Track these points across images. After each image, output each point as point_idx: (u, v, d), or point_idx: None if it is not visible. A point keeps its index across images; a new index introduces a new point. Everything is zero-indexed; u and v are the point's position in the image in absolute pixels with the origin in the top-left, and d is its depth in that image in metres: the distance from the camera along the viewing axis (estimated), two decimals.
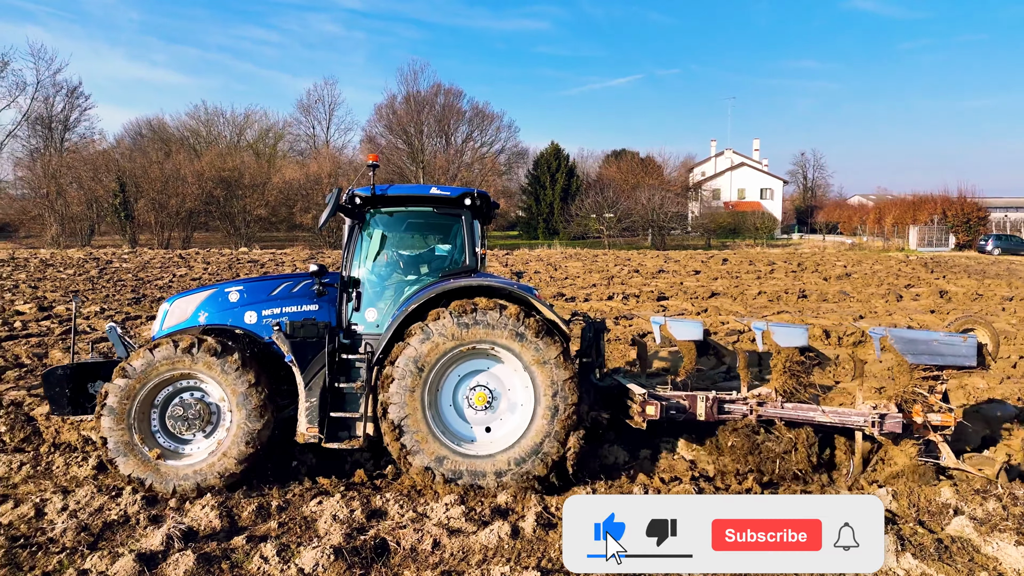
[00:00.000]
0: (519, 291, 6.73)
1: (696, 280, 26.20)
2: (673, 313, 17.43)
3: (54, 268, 30.79)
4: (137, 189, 54.39)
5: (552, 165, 70.10)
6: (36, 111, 62.66)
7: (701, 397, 7.12)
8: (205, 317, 6.93)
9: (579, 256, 41.78)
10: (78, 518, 5.76)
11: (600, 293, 21.57)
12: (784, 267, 32.03)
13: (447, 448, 6.44)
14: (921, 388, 6.90)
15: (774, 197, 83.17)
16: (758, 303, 19.54)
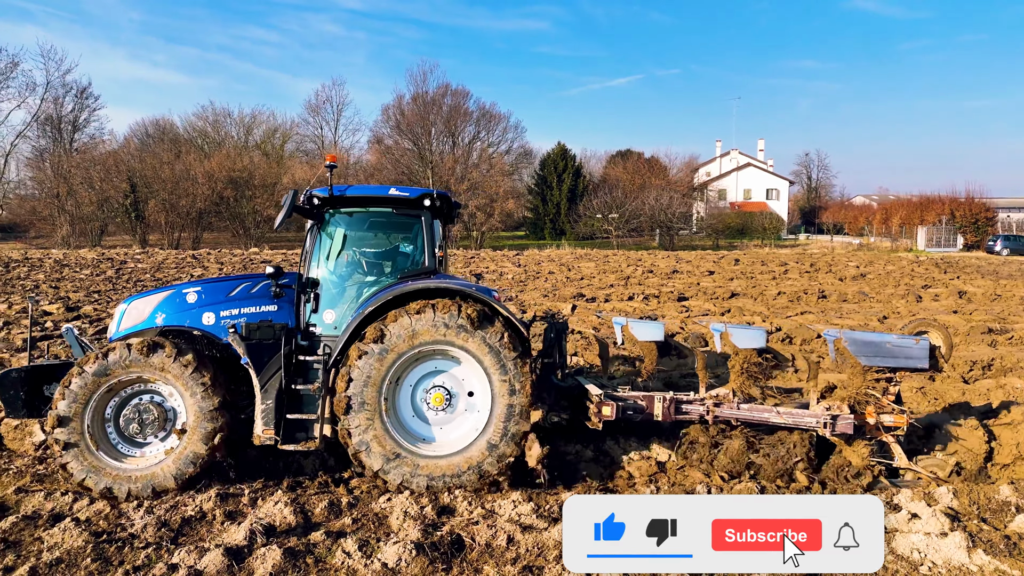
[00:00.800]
0: (478, 293, 6.74)
1: (712, 280, 26.27)
2: (696, 314, 17.52)
3: (70, 268, 30.94)
4: (148, 189, 54.56)
5: (559, 165, 70.19)
6: (45, 112, 62.89)
7: (658, 398, 7.16)
8: (163, 318, 6.86)
9: (590, 256, 41.86)
10: (155, 514, 5.89)
11: (619, 294, 21.67)
12: (797, 268, 32.09)
13: (403, 448, 6.46)
14: (876, 390, 6.90)
15: (780, 197, 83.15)
16: (779, 303, 19.62)
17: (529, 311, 17.96)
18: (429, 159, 61.55)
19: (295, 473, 7.11)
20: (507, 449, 6.45)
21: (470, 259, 38.89)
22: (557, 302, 19.95)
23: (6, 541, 5.43)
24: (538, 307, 18.75)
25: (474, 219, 56.75)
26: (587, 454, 7.54)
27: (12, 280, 25.41)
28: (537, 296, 21.65)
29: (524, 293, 22.37)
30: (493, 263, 36.18)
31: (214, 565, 4.99)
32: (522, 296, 21.52)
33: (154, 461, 6.36)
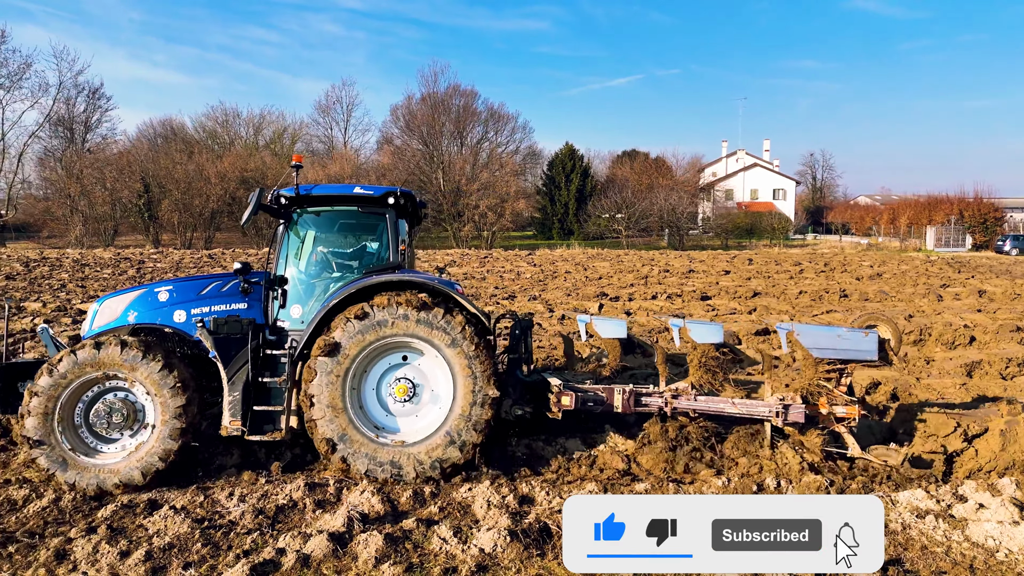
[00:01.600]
0: (441, 286, 6.94)
1: (731, 280, 26.44)
2: (724, 313, 17.72)
3: (90, 268, 31.16)
4: (161, 190, 54.82)
5: (567, 166, 70.31)
6: (57, 112, 63.17)
7: (618, 390, 7.32)
8: (135, 316, 7.04)
9: (602, 256, 42.00)
10: (247, 502, 6.10)
11: (641, 293, 21.84)
12: (811, 267, 32.23)
13: (367, 438, 6.65)
14: (828, 382, 7.07)
15: (787, 198, 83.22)
16: (802, 303, 19.78)
17: (557, 310, 18.17)
18: (439, 159, 61.77)
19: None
20: (470, 437, 6.65)
21: (483, 259, 39.07)
22: (582, 301, 20.14)
23: (112, 527, 5.65)
24: (564, 306, 18.95)
25: (485, 219, 56.93)
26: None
27: (38, 279, 25.66)
28: (560, 295, 21.83)
29: (546, 292, 22.54)
30: (508, 263, 36.35)
31: (320, 549, 5.21)
32: (545, 295, 21.68)
33: (123, 457, 6.49)
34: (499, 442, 7.64)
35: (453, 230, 58.84)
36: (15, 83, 60.89)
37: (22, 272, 29.00)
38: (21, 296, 19.94)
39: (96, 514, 5.97)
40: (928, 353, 12.56)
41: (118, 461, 6.47)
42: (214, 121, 75.24)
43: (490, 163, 62.58)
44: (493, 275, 29.03)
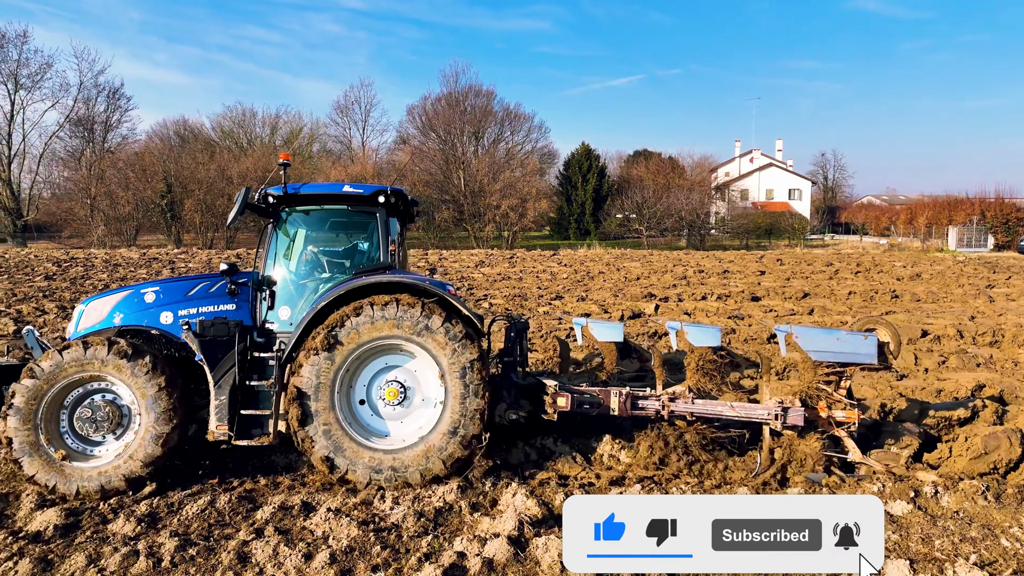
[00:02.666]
0: (432, 287, 6.77)
1: (770, 280, 26.28)
2: (783, 314, 17.57)
3: (123, 268, 31.18)
4: (184, 190, 54.89)
5: (583, 166, 70.25)
6: (77, 112, 63.32)
7: (615, 392, 7.21)
8: (121, 318, 6.92)
9: (629, 256, 41.82)
10: (402, 505, 6.06)
11: (688, 294, 21.71)
12: (844, 268, 32.08)
13: (355, 442, 6.51)
14: (828, 385, 6.97)
15: (802, 198, 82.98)
16: (855, 303, 19.62)
17: (612, 311, 18.08)
18: (460, 159, 61.75)
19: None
20: (454, 450, 6.49)
21: (510, 259, 39.00)
22: (633, 302, 20.02)
23: (279, 530, 5.60)
24: (618, 307, 18.86)
25: (507, 219, 56.84)
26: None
27: (77, 280, 25.68)
28: (606, 295, 21.71)
29: (591, 293, 22.44)
30: (536, 263, 36.27)
31: (501, 553, 5.16)
32: (591, 296, 21.60)
33: (106, 461, 6.39)
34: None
35: (474, 230, 58.77)
36: (36, 83, 61.13)
37: (58, 272, 29.04)
38: (71, 297, 19.94)
39: (255, 515, 5.95)
40: (1011, 354, 12.44)
41: (101, 465, 6.35)
42: (231, 121, 75.33)
43: (511, 163, 62.50)
44: (528, 275, 28.94)
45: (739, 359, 8.06)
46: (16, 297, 20.32)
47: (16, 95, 60.51)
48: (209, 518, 5.89)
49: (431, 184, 59.32)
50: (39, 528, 5.61)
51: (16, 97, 60.59)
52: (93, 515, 5.92)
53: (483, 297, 21.06)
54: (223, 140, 71.91)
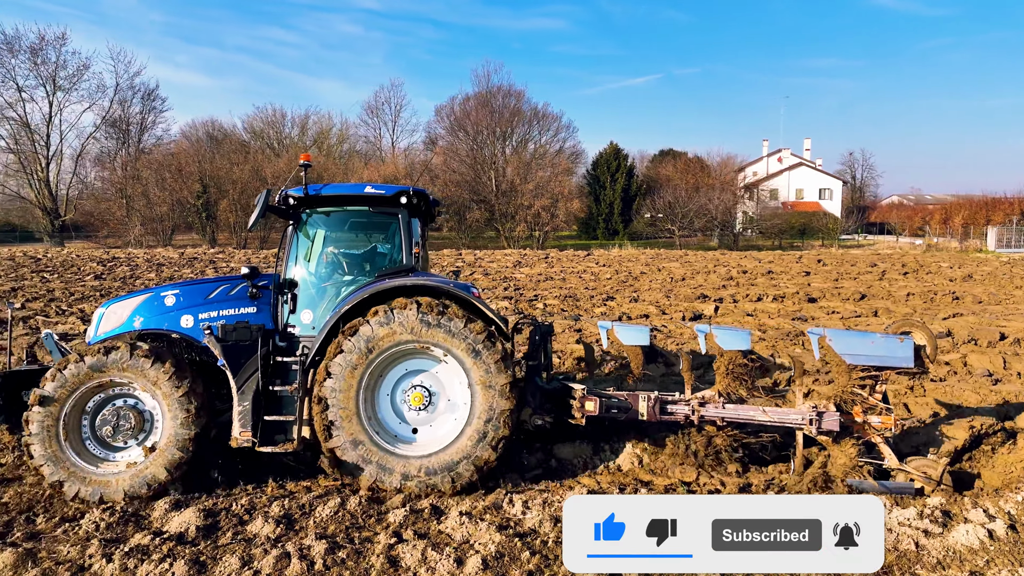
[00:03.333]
0: (456, 289, 6.64)
1: (819, 281, 25.91)
2: (848, 316, 17.25)
3: (167, 267, 31.50)
4: (219, 190, 55.50)
5: (612, 165, 69.96)
6: (113, 113, 64.30)
7: (643, 396, 7.05)
8: (141, 322, 6.81)
9: (665, 257, 41.53)
10: (532, 509, 6.02)
11: (742, 294, 21.43)
12: (889, 269, 31.55)
13: (380, 448, 6.39)
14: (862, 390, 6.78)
15: (833, 197, 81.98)
16: (915, 305, 19.25)
17: (671, 312, 17.90)
18: (491, 159, 61.79)
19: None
20: (484, 454, 6.37)
21: (545, 259, 38.89)
22: (688, 303, 19.82)
23: (418, 534, 5.56)
24: (675, 308, 18.67)
25: (539, 219, 56.75)
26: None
27: (127, 280, 25.99)
28: (657, 296, 21.50)
29: (642, 294, 22.25)
30: (572, 263, 36.11)
31: None
32: (645, 297, 21.41)
33: (128, 467, 6.29)
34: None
35: (505, 230, 58.77)
36: (74, 85, 62.14)
37: (105, 272, 29.42)
38: None
39: (387, 518, 5.90)
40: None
41: (123, 471, 6.27)
42: (262, 122, 75.96)
43: (542, 162, 62.45)
44: (570, 276, 28.81)
45: (769, 363, 7.90)
46: (74, 296, 20.60)
47: (54, 97, 61.62)
48: (344, 520, 5.84)
49: (462, 184, 59.38)
50: (180, 529, 5.59)
51: (54, 99, 61.70)
52: (230, 516, 5.88)
53: (534, 298, 20.94)
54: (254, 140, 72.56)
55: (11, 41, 59.28)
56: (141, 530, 5.66)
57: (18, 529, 5.73)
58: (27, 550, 5.20)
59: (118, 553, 5.12)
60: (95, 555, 5.12)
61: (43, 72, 60.77)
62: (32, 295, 20.42)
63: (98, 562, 5.04)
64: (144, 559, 5.06)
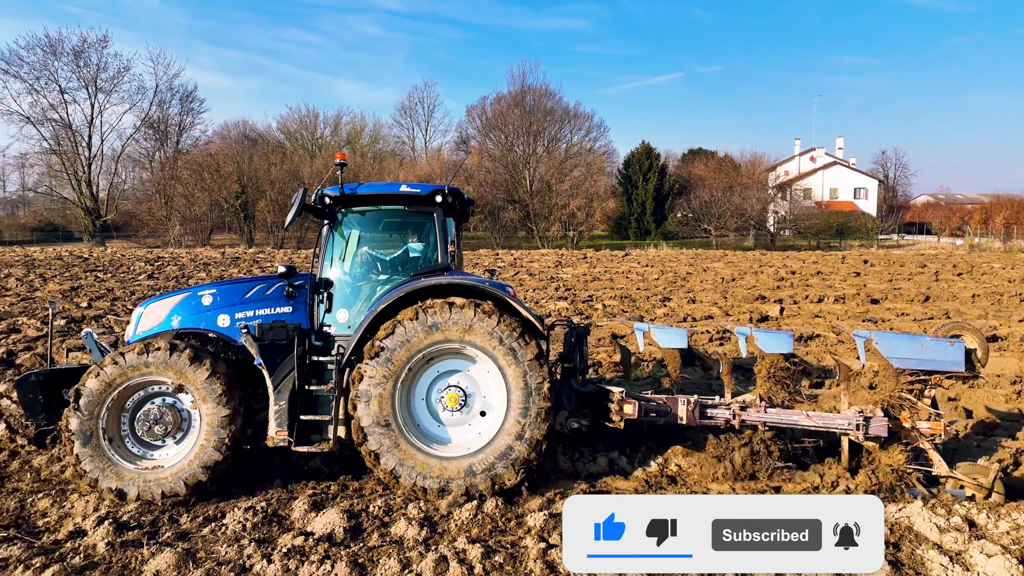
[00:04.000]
0: (492, 289, 6.55)
1: (873, 282, 25.46)
2: (920, 319, 16.80)
3: (214, 267, 31.84)
4: (257, 191, 56.12)
5: (643, 165, 69.54)
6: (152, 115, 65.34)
7: (682, 400, 6.92)
8: (178, 321, 6.84)
9: (707, 257, 41.06)
10: None
11: (799, 295, 21.10)
12: (941, 269, 30.92)
13: (417, 449, 6.31)
14: (911, 395, 6.60)
15: (868, 197, 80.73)
16: (983, 307, 18.76)
17: (737, 315, 17.65)
18: (525, 159, 61.76)
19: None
20: (523, 453, 6.27)
21: (583, 258, 38.70)
22: (748, 304, 19.56)
23: (546, 540, 5.43)
24: (739, 309, 18.41)
25: (574, 219, 56.60)
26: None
27: (179, 279, 26.30)
28: (714, 296, 21.27)
29: (697, 295, 22.00)
30: (613, 263, 35.91)
31: None
32: (701, 297, 21.17)
33: (167, 464, 6.32)
34: None
35: (540, 230, 58.70)
36: (115, 86, 63.22)
37: (155, 271, 29.82)
38: None
39: (526, 521, 5.85)
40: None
41: (161, 469, 6.28)
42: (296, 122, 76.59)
43: (578, 161, 62.27)
44: (618, 276, 28.61)
45: (811, 367, 7.71)
46: (135, 295, 20.88)
47: (96, 98, 62.75)
48: (485, 523, 5.81)
49: (497, 184, 59.38)
50: (326, 530, 5.57)
51: (96, 100, 62.84)
52: (370, 518, 5.84)
53: (588, 299, 20.80)
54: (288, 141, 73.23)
55: (54, 44, 60.55)
56: (287, 531, 5.67)
57: (165, 528, 5.76)
58: (185, 550, 5.21)
59: (277, 554, 5.14)
60: (254, 555, 5.15)
61: (84, 74, 61.98)
62: (94, 295, 20.75)
63: (259, 563, 5.06)
64: (303, 560, 5.08)
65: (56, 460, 7.15)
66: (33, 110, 60.50)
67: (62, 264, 32.62)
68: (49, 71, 60.54)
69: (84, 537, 5.54)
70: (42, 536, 5.62)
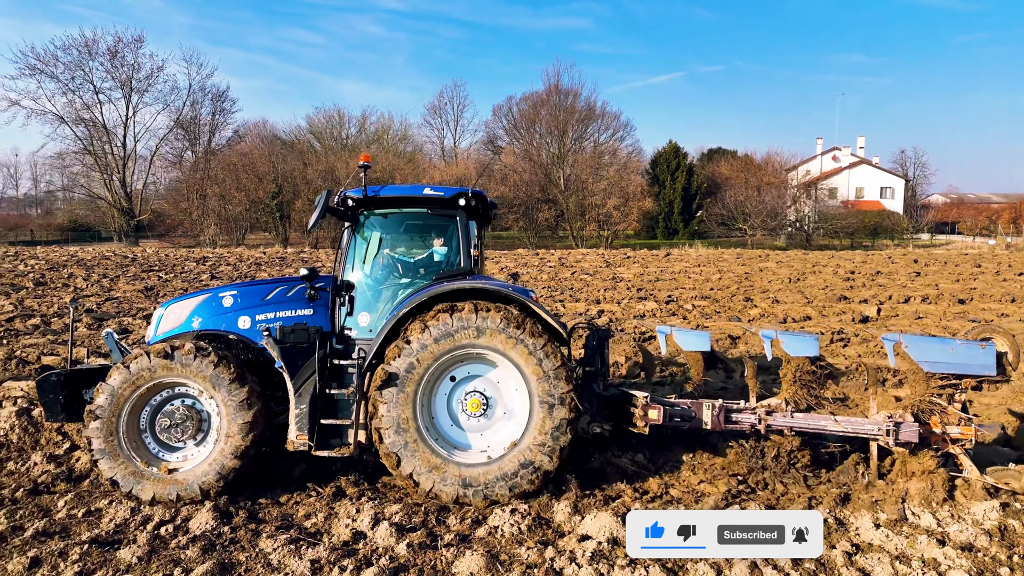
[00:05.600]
0: (515, 293, 6.50)
1: (945, 281, 25.28)
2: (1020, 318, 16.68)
3: (262, 268, 31.81)
4: (294, 191, 56.14)
5: (671, 164, 69.40)
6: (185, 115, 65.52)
7: (707, 405, 6.84)
8: (199, 322, 6.82)
9: (752, 256, 40.84)
10: None
11: (882, 295, 20.92)
12: (997, 268, 30.70)
13: (439, 456, 6.26)
14: (941, 400, 6.49)
15: (895, 196, 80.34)
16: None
17: (830, 316, 17.49)
18: (559, 158, 61.69)
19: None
20: (544, 463, 6.22)
21: (627, 258, 38.52)
22: (832, 304, 19.40)
23: None
24: (829, 311, 18.25)
25: (610, 219, 56.51)
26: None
27: (235, 277, 26.27)
28: (793, 296, 21.10)
29: (772, 294, 21.84)
30: (662, 262, 35.74)
31: None
32: (784, 297, 20.98)
33: (185, 467, 6.30)
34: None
35: (574, 230, 58.61)
36: (148, 86, 63.36)
37: (207, 270, 29.81)
38: None
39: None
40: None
41: (179, 471, 6.26)
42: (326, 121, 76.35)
43: (613, 160, 62.21)
44: (679, 276, 28.43)
45: (836, 371, 7.61)
46: None
47: (130, 99, 62.91)
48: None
49: (532, 184, 59.28)
50: (602, 534, 5.66)
51: (130, 101, 63.00)
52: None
53: (668, 299, 20.67)
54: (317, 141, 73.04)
55: (89, 44, 60.72)
56: (561, 534, 5.76)
57: (438, 530, 5.78)
58: (488, 551, 5.28)
59: (582, 558, 5.25)
60: (557, 559, 5.25)
61: (119, 75, 62.13)
62: (167, 294, 20.72)
63: (569, 567, 5.12)
64: (611, 564, 5.20)
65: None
66: (67, 110, 60.79)
67: (115, 264, 32.67)
68: (84, 71, 60.79)
69: (367, 539, 5.57)
70: (322, 537, 5.56)
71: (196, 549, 5.31)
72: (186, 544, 5.40)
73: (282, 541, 5.39)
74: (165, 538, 5.52)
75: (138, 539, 5.48)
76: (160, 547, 5.36)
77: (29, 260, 33.34)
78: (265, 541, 5.44)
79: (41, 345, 12.55)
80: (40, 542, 5.41)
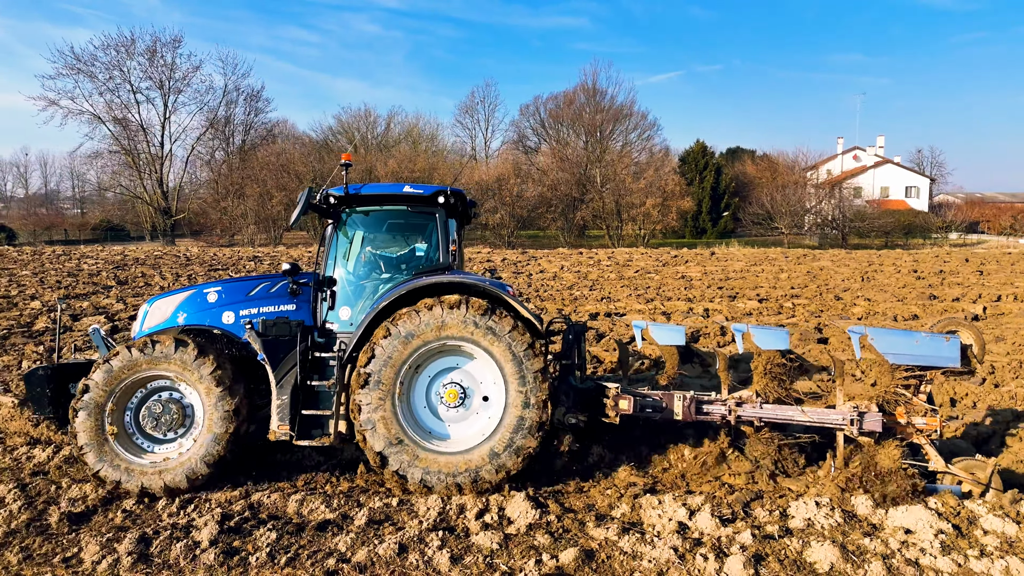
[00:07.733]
0: (491, 287, 6.68)
1: (1015, 278, 25.42)
2: None
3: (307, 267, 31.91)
4: None
5: (699, 163, 69.49)
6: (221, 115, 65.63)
7: (678, 396, 6.97)
8: (184, 318, 7.01)
9: (805, 256, 40.62)
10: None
11: (952, 294, 21.01)
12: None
13: (418, 445, 6.42)
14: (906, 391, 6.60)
15: (920, 195, 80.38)
16: None
17: (933, 314, 17.63)
18: (599, 156, 61.80)
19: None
20: (509, 461, 6.38)
21: (674, 257, 38.53)
22: (920, 303, 19.53)
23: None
24: (931, 312, 18.39)
25: (649, 217, 56.56)
26: None
27: None
28: (884, 295, 21.25)
29: (867, 293, 21.85)
30: (713, 262, 35.71)
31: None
32: (877, 296, 21.06)
33: (170, 459, 6.46)
34: None
35: (612, 229, 58.70)
36: (185, 86, 63.48)
37: (270, 270, 30.02)
38: None
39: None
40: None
41: (164, 463, 6.43)
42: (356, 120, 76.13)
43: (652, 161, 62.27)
44: (748, 275, 28.45)
45: (808, 364, 7.73)
46: None
47: (168, 98, 63.06)
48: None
49: (570, 182, 59.30)
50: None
51: (167, 100, 63.16)
52: None
53: (760, 300, 20.78)
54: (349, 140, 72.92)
55: (127, 44, 60.85)
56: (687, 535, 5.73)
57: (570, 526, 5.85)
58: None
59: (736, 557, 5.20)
60: (688, 557, 5.23)
61: (157, 75, 62.24)
62: None
63: (702, 565, 5.13)
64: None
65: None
66: (105, 110, 60.95)
67: (175, 262, 32.86)
68: (122, 71, 60.93)
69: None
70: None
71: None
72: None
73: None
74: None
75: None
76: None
77: (84, 260, 33.45)
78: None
79: None
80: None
